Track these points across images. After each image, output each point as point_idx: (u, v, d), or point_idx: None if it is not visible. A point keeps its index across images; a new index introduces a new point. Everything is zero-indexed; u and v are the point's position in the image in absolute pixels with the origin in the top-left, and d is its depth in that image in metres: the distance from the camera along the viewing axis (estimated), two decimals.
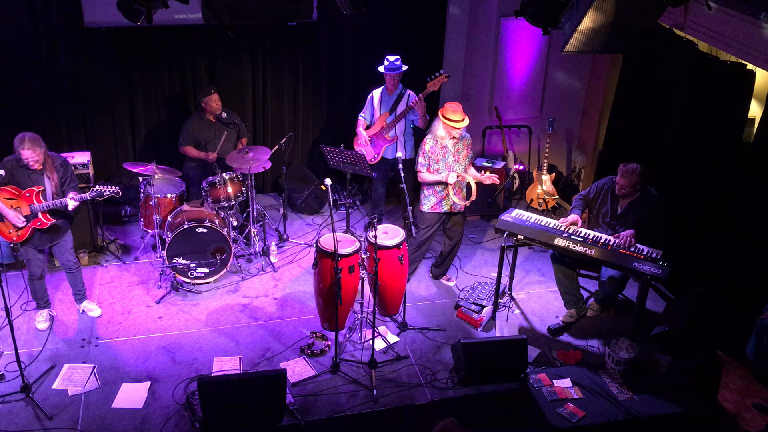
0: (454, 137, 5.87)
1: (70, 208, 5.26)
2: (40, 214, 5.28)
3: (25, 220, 5.25)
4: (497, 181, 6.06)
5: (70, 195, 5.25)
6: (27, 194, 5.24)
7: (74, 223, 5.70)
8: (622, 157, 5.77)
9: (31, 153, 5.11)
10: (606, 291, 5.84)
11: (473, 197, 6.05)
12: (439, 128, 5.86)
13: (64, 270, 5.76)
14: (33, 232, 5.35)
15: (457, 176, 5.91)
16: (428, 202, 6.08)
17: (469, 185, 6.00)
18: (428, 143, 5.92)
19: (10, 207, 5.22)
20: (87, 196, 5.31)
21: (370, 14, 7.14)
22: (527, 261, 6.91)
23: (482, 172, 6.19)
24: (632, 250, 5.30)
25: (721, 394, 5.16)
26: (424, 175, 5.98)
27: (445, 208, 6.06)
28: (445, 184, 5.93)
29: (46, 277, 5.71)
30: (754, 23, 4.87)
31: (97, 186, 5.40)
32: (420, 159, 5.98)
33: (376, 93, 6.84)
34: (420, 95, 6.54)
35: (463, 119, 5.80)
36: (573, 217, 5.61)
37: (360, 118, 6.96)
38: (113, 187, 5.41)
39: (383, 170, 7.08)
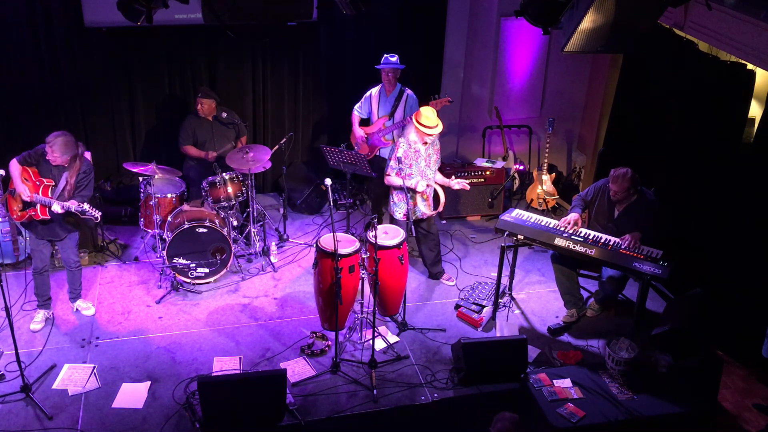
0: (426, 142, 5.87)
1: (52, 209, 5.25)
2: (38, 206, 5.30)
3: (30, 196, 5.27)
4: (467, 187, 6.07)
5: (59, 202, 5.23)
6: (38, 183, 5.29)
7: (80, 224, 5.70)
8: (623, 156, 5.77)
9: (58, 157, 5.19)
10: (606, 291, 5.83)
11: (440, 208, 6.08)
12: (411, 133, 5.87)
13: (64, 266, 5.77)
14: (31, 220, 5.37)
15: (427, 184, 5.91)
16: (399, 210, 6.08)
17: (436, 193, 6.02)
18: (402, 147, 5.92)
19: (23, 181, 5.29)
20: (73, 208, 5.27)
21: (370, 14, 7.12)
22: (527, 261, 6.91)
23: (451, 177, 6.17)
24: (633, 250, 5.30)
25: (721, 394, 5.17)
26: (392, 179, 5.98)
27: (415, 216, 6.05)
28: (413, 191, 5.91)
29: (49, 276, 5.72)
30: (754, 23, 4.87)
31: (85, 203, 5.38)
32: (391, 163, 5.99)
33: (375, 91, 6.84)
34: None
35: (436, 125, 5.81)
36: (573, 215, 5.60)
37: (355, 113, 6.96)
38: (96, 212, 5.34)
39: (381, 169, 7.09)
